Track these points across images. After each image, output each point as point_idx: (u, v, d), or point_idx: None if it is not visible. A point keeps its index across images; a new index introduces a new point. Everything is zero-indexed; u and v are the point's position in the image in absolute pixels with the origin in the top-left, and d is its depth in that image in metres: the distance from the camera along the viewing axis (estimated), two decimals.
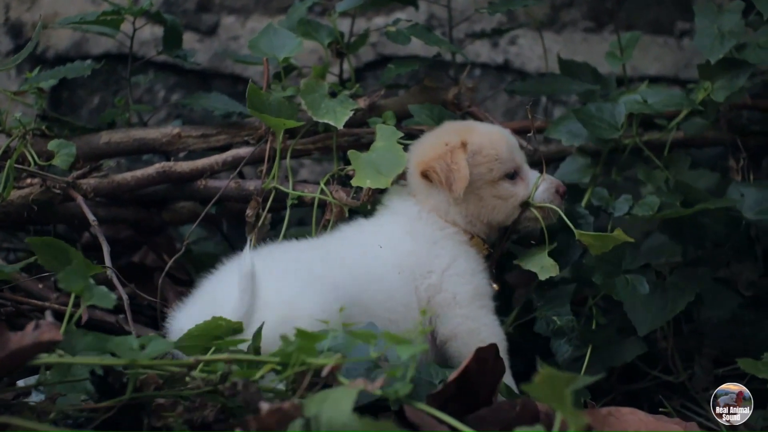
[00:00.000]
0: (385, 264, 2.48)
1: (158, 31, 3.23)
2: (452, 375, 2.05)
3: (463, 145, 2.54)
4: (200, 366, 1.98)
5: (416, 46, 3.55)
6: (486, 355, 2.09)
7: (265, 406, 1.78)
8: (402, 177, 2.63)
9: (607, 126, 2.81)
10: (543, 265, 2.60)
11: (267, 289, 2.22)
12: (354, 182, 2.61)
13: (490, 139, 2.61)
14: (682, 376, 2.84)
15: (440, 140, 2.59)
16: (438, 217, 2.57)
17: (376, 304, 2.39)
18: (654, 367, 2.91)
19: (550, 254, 2.63)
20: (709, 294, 2.84)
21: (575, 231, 2.57)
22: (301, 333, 1.89)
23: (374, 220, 2.62)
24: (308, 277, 2.30)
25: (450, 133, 2.62)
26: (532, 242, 2.71)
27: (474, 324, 2.48)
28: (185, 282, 3.05)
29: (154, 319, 2.81)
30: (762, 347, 2.72)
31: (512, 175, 2.61)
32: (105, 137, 3.00)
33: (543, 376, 1.58)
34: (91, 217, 2.68)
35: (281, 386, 1.96)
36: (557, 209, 2.61)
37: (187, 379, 1.98)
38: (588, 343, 2.68)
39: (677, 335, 2.90)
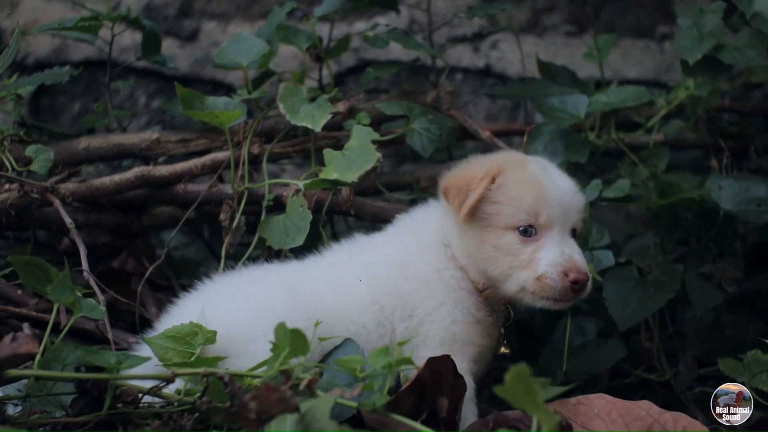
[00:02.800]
0: (363, 300, 2.31)
1: (139, 37, 3.22)
2: (405, 384, 2.03)
3: (495, 175, 2.30)
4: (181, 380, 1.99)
5: (398, 52, 3.56)
6: (439, 366, 2.06)
7: (266, 383, 1.79)
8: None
9: (569, 117, 2.82)
10: None
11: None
12: (322, 175, 2.61)
13: (523, 180, 2.30)
14: (668, 375, 2.84)
15: (481, 164, 2.38)
16: (440, 252, 2.36)
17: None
18: (637, 367, 2.92)
19: None
20: (693, 290, 2.84)
21: None
22: (294, 333, 1.88)
23: (380, 242, 2.45)
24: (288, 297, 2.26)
25: (495, 160, 2.37)
26: None
27: None
28: (165, 288, 3.04)
29: (134, 324, 2.79)
30: (745, 349, 2.73)
31: (527, 232, 2.28)
32: (84, 143, 2.99)
33: (514, 375, 1.57)
34: (68, 220, 2.66)
35: None
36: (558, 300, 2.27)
37: (165, 392, 2.00)
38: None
39: (662, 336, 2.90)
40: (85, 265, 2.58)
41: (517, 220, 2.27)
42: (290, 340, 1.88)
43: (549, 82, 3.13)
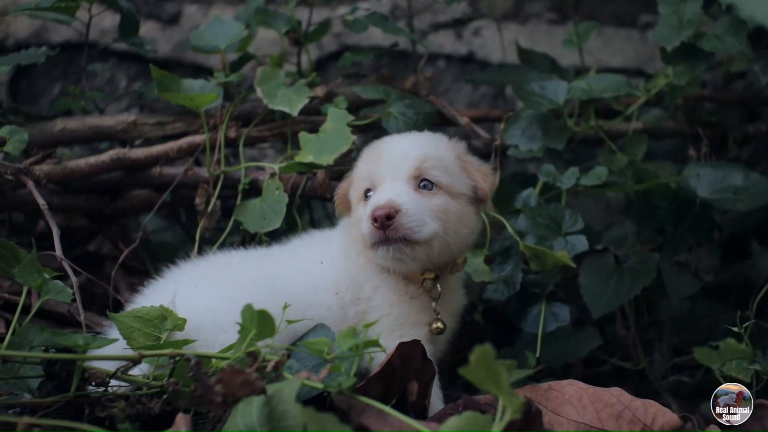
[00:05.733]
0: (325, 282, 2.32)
1: None
2: (375, 369, 2.04)
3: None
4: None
5: (381, 38, 3.54)
6: (409, 351, 2.07)
7: (231, 366, 1.78)
8: None
9: (548, 102, 2.80)
10: (477, 269, 2.59)
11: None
12: (297, 158, 2.60)
13: (364, 154, 2.39)
14: (643, 363, 2.84)
15: None
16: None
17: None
18: (612, 355, 2.91)
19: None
20: (670, 279, 2.83)
21: (520, 243, 2.55)
22: (261, 314, 1.87)
23: (335, 232, 2.49)
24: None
25: None
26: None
27: None
28: (140, 271, 3.02)
29: (108, 308, 2.77)
30: (721, 338, 2.73)
31: (367, 196, 2.30)
32: (60, 125, 2.97)
33: (478, 356, 1.56)
34: (41, 201, 2.63)
35: None
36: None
37: (133, 377, 1.99)
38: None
39: (638, 325, 2.90)
40: (57, 246, 2.55)
41: (362, 188, 2.30)
42: (257, 322, 1.87)
43: (529, 68, 3.12)
